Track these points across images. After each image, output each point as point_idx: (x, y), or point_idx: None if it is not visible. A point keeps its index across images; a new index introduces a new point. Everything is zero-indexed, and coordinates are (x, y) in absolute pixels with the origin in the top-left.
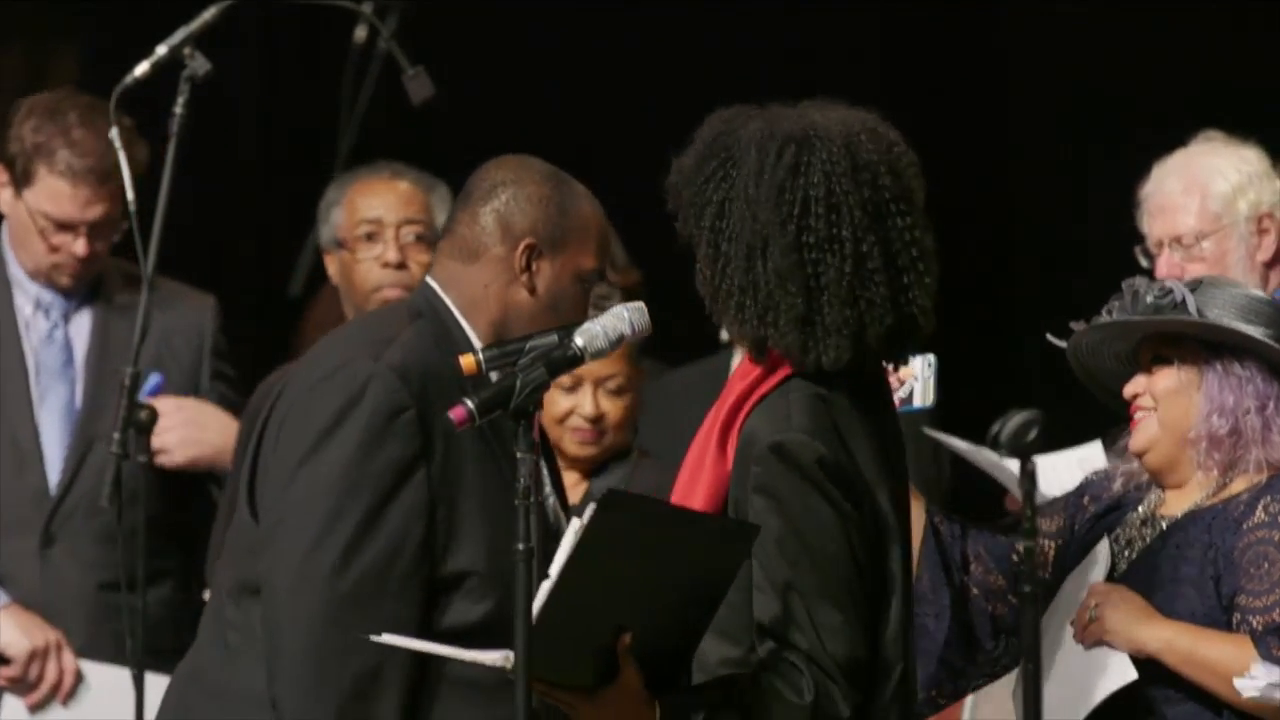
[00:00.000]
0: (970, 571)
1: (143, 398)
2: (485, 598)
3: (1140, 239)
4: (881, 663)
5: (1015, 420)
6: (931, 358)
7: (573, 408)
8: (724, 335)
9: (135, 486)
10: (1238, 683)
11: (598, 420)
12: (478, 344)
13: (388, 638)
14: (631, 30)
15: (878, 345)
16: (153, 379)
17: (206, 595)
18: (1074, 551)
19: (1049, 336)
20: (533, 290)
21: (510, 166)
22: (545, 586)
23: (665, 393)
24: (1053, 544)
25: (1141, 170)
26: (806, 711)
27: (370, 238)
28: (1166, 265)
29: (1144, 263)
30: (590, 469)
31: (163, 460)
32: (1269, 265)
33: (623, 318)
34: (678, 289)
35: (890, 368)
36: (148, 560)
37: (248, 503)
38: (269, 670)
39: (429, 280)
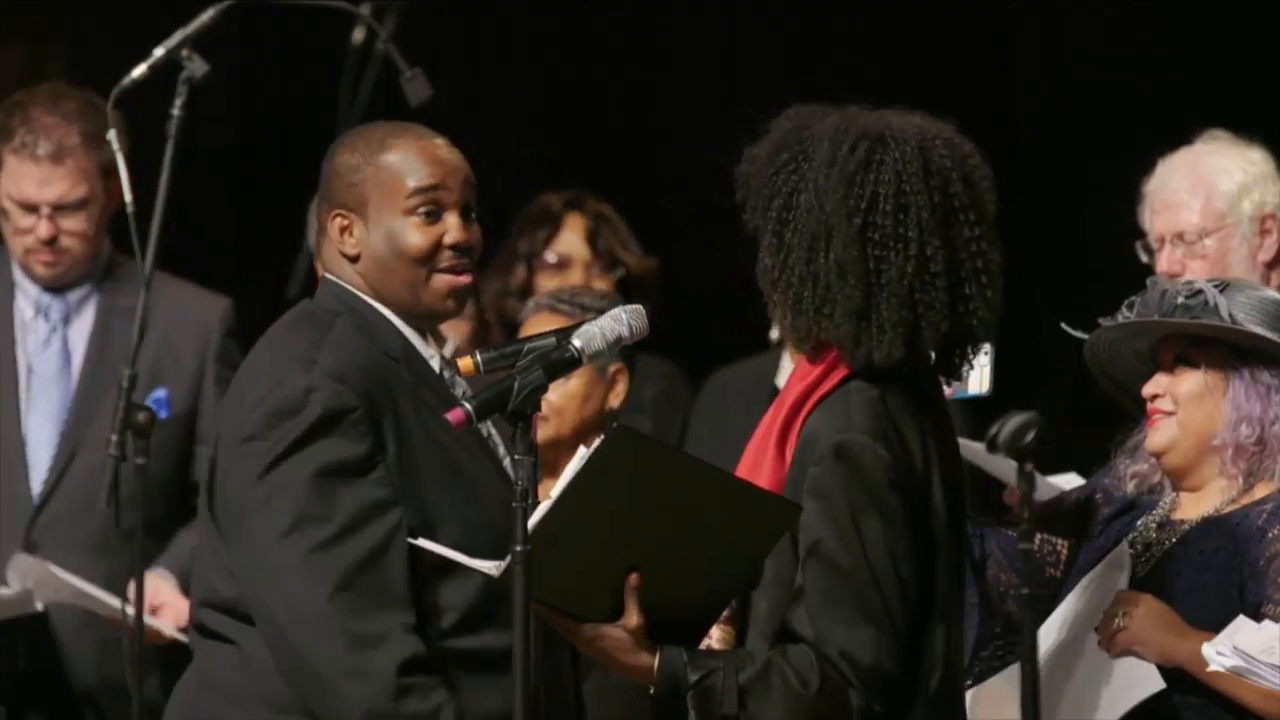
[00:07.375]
0: (987, 569)
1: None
2: (473, 576)
3: (1141, 235)
4: (920, 669)
5: (1014, 422)
6: (988, 345)
7: None
8: (774, 334)
9: (133, 489)
10: (1205, 650)
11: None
12: (394, 320)
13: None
14: (630, 28)
15: (931, 349)
16: (156, 394)
17: None
18: (1089, 551)
19: (1065, 327)
20: (355, 258)
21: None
22: (544, 504)
23: (714, 391)
24: (1066, 542)
25: (1145, 167)
26: (808, 701)
27: None
28: (1167, 261)
29: (1144, 258)
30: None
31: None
32: (1270, 266)
33: (620, 320)
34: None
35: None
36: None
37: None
38: (288, 680)
39: (330, 277)
